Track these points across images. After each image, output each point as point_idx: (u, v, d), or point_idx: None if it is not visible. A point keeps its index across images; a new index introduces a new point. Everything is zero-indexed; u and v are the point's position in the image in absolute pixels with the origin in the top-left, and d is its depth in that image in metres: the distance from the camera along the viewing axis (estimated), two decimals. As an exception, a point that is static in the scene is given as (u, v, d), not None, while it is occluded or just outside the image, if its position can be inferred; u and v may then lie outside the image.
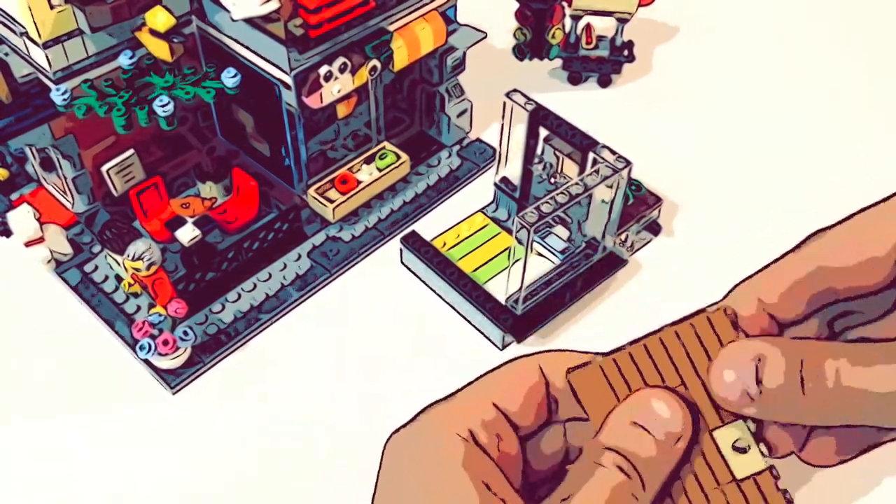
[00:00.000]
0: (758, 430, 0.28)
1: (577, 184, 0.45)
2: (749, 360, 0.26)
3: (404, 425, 0.30)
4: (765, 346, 0.27)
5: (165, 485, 0.42)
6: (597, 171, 0.45)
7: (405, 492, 0.29)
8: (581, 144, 0.48)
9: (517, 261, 0.46)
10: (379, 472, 0.30)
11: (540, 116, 0.49)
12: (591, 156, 0.47)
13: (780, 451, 0.28)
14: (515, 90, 0.51)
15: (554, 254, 0.52)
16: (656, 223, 0.55)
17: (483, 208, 0.55)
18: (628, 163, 0.46)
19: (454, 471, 0.27)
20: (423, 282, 0.51)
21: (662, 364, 0.27)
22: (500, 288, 0.48)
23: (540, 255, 0.52)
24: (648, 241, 0.54)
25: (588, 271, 0.50)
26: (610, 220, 0.49)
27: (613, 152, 0.47)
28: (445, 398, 0.30)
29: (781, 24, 0.75)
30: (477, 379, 0.31)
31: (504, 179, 0.54)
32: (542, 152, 0.52)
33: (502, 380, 0.30)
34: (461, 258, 0.51)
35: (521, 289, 0.46)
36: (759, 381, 0.26)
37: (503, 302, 0.48)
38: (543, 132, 0.50)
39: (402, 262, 0.52)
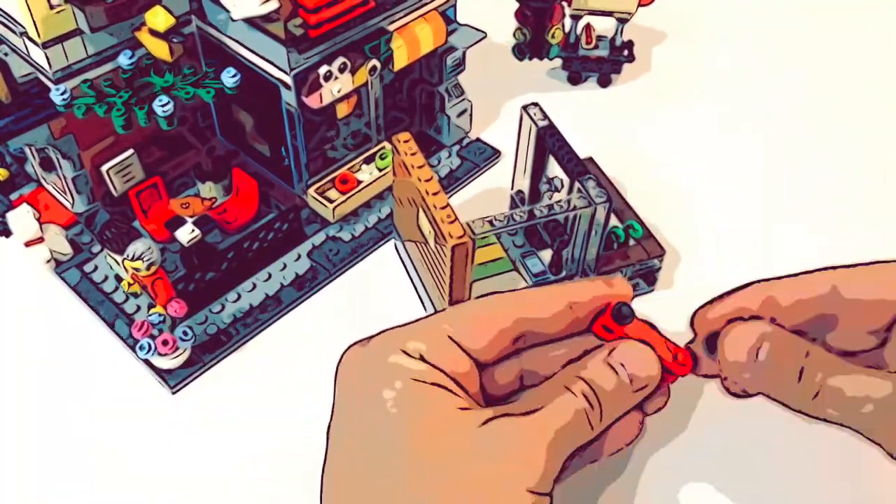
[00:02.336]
0: None
1: (545, 207, 0.44)
2: (757, 335, 0.33)
3: (360, 341, 0.35)
4: (775, 334, 0.33)
5: (164, 484, 0.42)
6: (568, 201, 0.44)
7: (358, 405, 0.33)
8: (572, 171, 0.46)
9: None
10: (335, 385, 0.34)
11: (547, 134, 0.48)
12: (576, 185, 0.45)
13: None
14: (535, 104, 0.49)
15: (528, 276, 0.50)
16: (653, 274, 0.50)
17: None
18: (608, 199, 0.44)
19: (404, 380, 0.32)
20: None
21: None
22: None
23: (517, 271, 0.51)
24: (642, 293, 0.50)
25: None
26: (585, 255, 0.47)
27: (600, 185, 0.44)
28: (404, 324, 0.35)
29: (783, 23, 0.75)
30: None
31: (520, 192, 0.53)
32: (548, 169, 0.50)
33: (467, 318, 0.34)
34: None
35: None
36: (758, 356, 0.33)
37: None
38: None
39: (401, 261, 0.52)
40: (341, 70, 0.48)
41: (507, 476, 0.30)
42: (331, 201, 0.52)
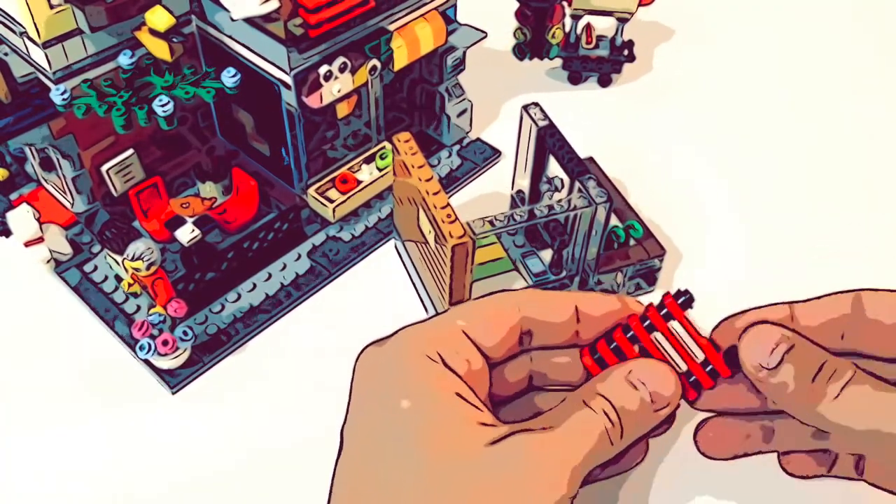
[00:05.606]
0: None
1: (545, 207, 0.43)
2: (779, 334, 0.31)
3: (378, 340, 0.33)
4: (797, 338, 0.31)
5: (165, 484, 0.42)
6: (569, 201, 0.44)
7: (375, 406, 0.32)
8: (572, 171, 0.46)
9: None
10: (352, 384, 0.33)
11: (548, 134, 0.48)
12: (576, 185, 0.45)
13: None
14: (535, 103, 0.49)
15: (528, 276, 0.50)
16: (653, 274, 0.50)
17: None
18: (609, 199, 0.43)
19: (422, 386, 0.31)
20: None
21: None
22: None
23: (518, 271, 0.51)
24: (643, 293, 0.51)
25: None
26: (585, 255, 0.47)
27: (600, 185, 0.44)
28: (419, 322, 0.33)
29: (783, 22, 0.75)
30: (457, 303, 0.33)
31: (520, 192, 0.53)
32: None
33: (479, 313, 0.34)
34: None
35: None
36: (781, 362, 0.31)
37: None
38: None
39: (401, 261, 0.52)
40: (341, 70, 0.48)
41: (527, 496, 0.29)
42: (331, 201, 0.52)
